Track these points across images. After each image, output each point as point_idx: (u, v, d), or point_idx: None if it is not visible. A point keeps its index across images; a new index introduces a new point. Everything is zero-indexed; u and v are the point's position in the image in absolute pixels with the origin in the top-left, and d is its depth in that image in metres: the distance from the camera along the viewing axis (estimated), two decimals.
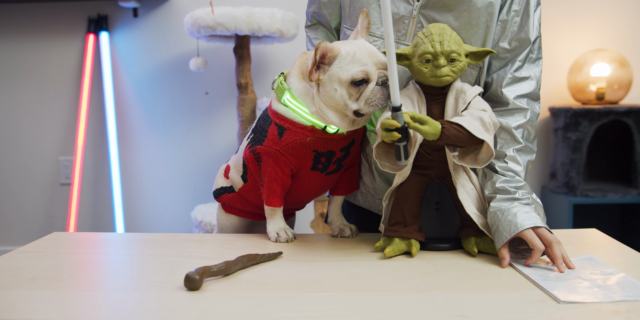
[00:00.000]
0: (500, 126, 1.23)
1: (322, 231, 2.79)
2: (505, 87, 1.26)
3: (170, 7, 3.19)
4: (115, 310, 0.91)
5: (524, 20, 1.26)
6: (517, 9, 1.26)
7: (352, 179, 1.38)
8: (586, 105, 2.94)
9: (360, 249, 1.25)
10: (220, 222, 1.46)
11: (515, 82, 1.26)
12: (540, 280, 1.02)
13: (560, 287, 0.99)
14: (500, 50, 1.27)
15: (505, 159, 1.22)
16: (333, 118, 1.22)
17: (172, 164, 3.28)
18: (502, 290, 0.99)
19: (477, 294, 0.97)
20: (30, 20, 3.23)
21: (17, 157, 3.30)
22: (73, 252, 1.23)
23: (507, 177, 1.20)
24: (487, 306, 0.92)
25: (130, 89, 3.25)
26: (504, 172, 1.20)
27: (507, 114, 1.25)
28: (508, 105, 1.25)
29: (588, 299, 0.93)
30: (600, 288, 0.98)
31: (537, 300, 0.94)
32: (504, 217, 1.14)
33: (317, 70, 1.19)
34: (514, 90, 1.25)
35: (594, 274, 1.06)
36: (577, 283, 1.01)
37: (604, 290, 0.97)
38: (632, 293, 0.95)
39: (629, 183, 2.95)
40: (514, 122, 1.24)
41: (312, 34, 1.47)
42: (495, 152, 1.22)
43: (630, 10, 3.13)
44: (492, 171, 1.22)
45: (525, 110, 1.25)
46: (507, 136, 1.24)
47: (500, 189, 1.18)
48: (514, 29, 1.26)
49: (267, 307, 0.91)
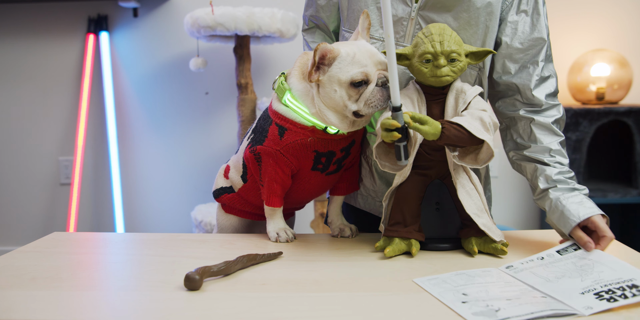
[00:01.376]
0: (538, 122, 1.27)
1: (322, 231, 2.79)
2: (535, 89, 1.28)
3: (170, 7, 3.19)
4: (115, 310, 0.91)
5: (535, 19, 1.27)
6: (526, 8, 1.27)
7: (352, 179, 1.38)
8: (586, 105, 2.94)
9: (360, 249, 1.25)
10: (220, 222, 1.46)
11: (542, 82, 1.28)
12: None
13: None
14: (514, 51, 1.28)
15: (551, 153, 1.25)
16: (333, 119, 1.21)
17: (172, 164, 3.28)
18: None
19: None
20: (30, 20, 3.22)
21: (17, 157, 3.30)
22: (73, 252, 1.23)
23: (559, 168, 1.24)
24: None
25: (130, 89, 3.25)
26: (555, 164, 1.24)
27: (542, 112, 1.28)
28: (542, 106, 1.28)
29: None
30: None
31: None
32: (569, 202, 1.18)
33: (317, 71, 1.19)
34: (543, 91, 1.28)
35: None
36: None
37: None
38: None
39: (629, 183, 2.95)
40: (550, 118, 1.27)
41: (310, 38, 1.47)
42: (539, 147, 1.26)
43: (630, 10, 3.13)
44: (543, 165, 1.25)
45: (558, 105, 1.29)
46: (547, 132, 1.27)
47: (558, 180, 1.22)
48: (526, 29, 1.27)
49: (267, 307, 0.91)
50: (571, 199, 1.19)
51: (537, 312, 0.86)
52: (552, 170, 1.23)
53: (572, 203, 1.18)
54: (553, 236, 1.34)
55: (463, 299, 0.93)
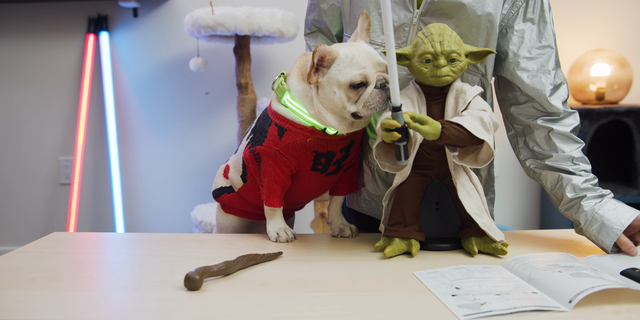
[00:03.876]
0: (557, 132, 1.27)
1: (322, 231, 2.79)
2: (551, 97, 1.27)
3: (170, 7, 3.19)
4: (115, 310, 0.91)
5: (542, 27, 1.27)
6: (532, 17, 1.27)
7: (352, 179, 1.38)
8: (586, 105, 2.94)
9: (360, 249, 1.25)
10: (220, 222, 1.46)
11: (555, 90, 1.28)
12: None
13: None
14: (522, 60, 1.28)
15: (574, 161, 1.26)
16: (331, 120, 1.21)
17: (172, 164, 3.28)
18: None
19: None
20: (30, 20, 3.23)
21: (17, 157, 3.30)
22: (73, 252, 1.23)
23: (584, 176, 1.25)
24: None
25: (130, 89, 3.25)
26: (579, 172, 1.25)
27: (559, 120, 1.28)
28: (560, 114, 1.28)
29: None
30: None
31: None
32: (605, 211, 1.19)
33: (316, 73, 1.19)
34: (558, 98, 1.28)
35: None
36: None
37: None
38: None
39: (629, 183, 2.95)
40: (568, 127, 1.28)
41: (312, 42, 1.47)
42: (561, 156, 1.27)
43: (630, 10, 3.13)
44: (568, 174, 1.26)
45: (574, 113, 1.29)
46: (567, 141, 1.27)
47: (586, 188, 1.23)
48: (533, 37, 1.28)
49: (267, 307, 0.91)
50: (605, 207, 1.20)
51: (520, 307, 0.89)
52: (578, 179, 1.24)
53: (609, 211, 1.19)
54: (553, 236, 1.34)
55: (454, 293, 0.96)
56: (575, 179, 1.24)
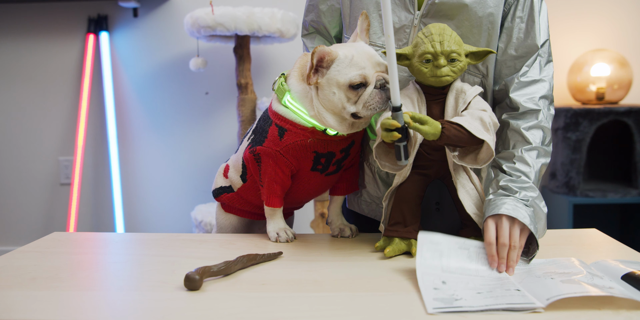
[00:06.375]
0: (511, 128, 1.24)
1: (322, 231, 2.79)
2: (513, 92, 1.26)
3: (170, 7, 3.19)
4: (115, 310, 0.91)
5: (530, 26, 1.26)
6: (521, 15, 1.26)
7: (352, 179, 1.38)
8: (586, 105, 2.94)
9: (360, 249, 1.25)
10: (220, 221, 1.46)
11: (523, 86, 1.26)
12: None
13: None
14: (509, 58, 1.27)
15: (514, 160, 1.20)
16: (331, 121, 1.21)
17: (172, 164, 3.28)
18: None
19: None
20: (30, 20, 3.23)
21: (17, 157, 3.30)
22: (73, 252, 1.23)
23: (512, 176, 1.18)
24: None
25: (130, 89, 3.25)
26: (510, 172, 1.19)
27: (519, 116, 1.25)
28: (519, 109, 1.25)
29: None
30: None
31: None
32: (492, 203, 1.13)
33: (315, 74, 1.19)
34: (523, 94, 1.25)
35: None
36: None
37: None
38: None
39: (629, 183, 2.95)
40: (524, 124, 1.23)
41: (310, 43, 1.46)
42: (506, 153, 1.22)
43: (630, 10, 3.13)
44: (499, 171, 1.21)
45: (537, 111, 1.24)
46: (518, 137, 1.23)
47: (503, 187, 1.16)
48: (520, 36, 1.26)
49: (267, 307, 0.91)
50: (499, 201, 1.13)
51: (492, 304, 0.90)
52: (502, 177, 1.18)
53: (491, 204, 1.13)
54: (553, 236, 1.34)
55: (437, 286, 0.98)
56: (500, 175, 1.19)
